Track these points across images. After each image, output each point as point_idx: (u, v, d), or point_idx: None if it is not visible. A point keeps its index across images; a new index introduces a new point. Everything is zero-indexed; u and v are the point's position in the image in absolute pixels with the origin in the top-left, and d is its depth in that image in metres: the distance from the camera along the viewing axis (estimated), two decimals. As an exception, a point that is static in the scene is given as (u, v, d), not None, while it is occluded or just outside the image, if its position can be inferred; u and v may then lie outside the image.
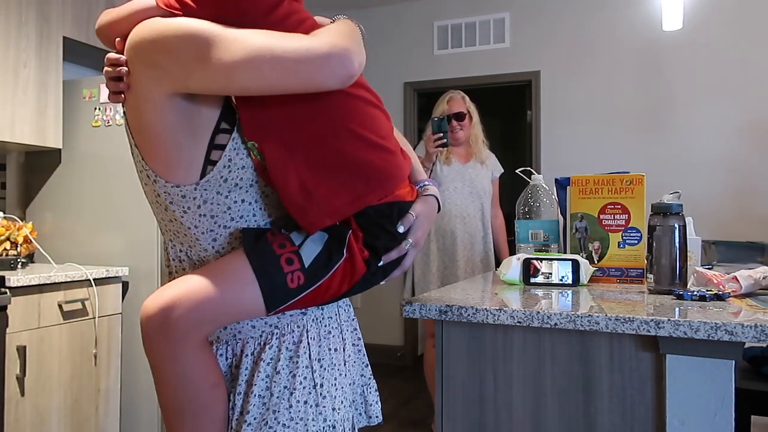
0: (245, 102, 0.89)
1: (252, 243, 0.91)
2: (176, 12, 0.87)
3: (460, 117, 2.96)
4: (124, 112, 0.93)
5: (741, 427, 1.65)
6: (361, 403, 1.10)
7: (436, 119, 2.75)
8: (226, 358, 0.98)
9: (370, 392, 1.12)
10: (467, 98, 3.03)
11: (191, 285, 0.88)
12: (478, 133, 3.04)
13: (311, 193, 0.89)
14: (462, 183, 2.94)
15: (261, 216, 0.96)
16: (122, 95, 0.90)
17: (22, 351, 2.21)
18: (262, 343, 0.95)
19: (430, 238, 2.95)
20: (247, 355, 0.95)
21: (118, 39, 0.93)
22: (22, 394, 2.23)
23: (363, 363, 1.11)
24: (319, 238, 0.92)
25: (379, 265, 0.96)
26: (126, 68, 0.88)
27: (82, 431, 2.48)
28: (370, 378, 1.12)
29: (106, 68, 0.90)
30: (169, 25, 0.84)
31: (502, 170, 3.12)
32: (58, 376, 2.38)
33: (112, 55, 0.91)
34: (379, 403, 1.13)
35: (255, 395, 0.92)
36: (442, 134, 2.72)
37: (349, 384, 1.05)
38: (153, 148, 0.89)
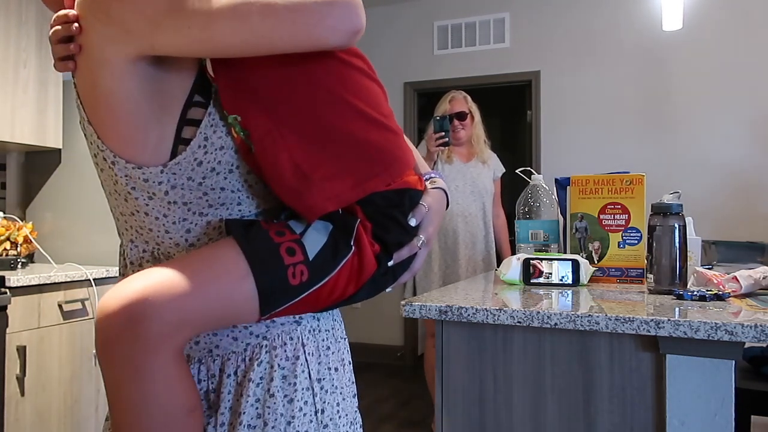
0: (224, 66, 0.74)
1: (241, 229, 0.74)
2: None
3: (461, 116, 2.97)
4: (74, 82, 0.75)
5: (741, 427, 1.65)
6: None
7: (437, 118, 2.76)
8: (199, 381, 0.78)
9: (356, 429, 0.91)
10: (469, 98, 3.05)
11: (167, 276, 0.68)
12: (480, 133, 3.05)
13: (307, 174, 0.74)
14: (464, 182, 2.95)
15: (247, 205, 0.79)
16: (72, 61, 0.72)
17: (22, 351, 2.21)
18: (247, 359, 0.77)
19: None
20: (229, 375, 0.77)
21: None
22: (22, 394, 2.23)
23: (352, 393, 0.90)
24: (323, 227, 0.76)
25: (389, 264, 0.81)
26: (78, 25, 0.70)
27: (82, 431, 2.48)
28: (356, 412, 0.91)
29: (54, 28, 0.72)
30: None
31: (504, 170, 3.12)
32: (58, 376, 2.38)
33: (61, 12, 0.72)
34: None
35: (244, 426, 0.74)
36: (443, 133, 2.73)
37: (353, 412, 0.88)
38: (111, 123, 0.71)
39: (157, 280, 0.67)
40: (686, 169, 3.90)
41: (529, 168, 2.95)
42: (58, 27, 0.72)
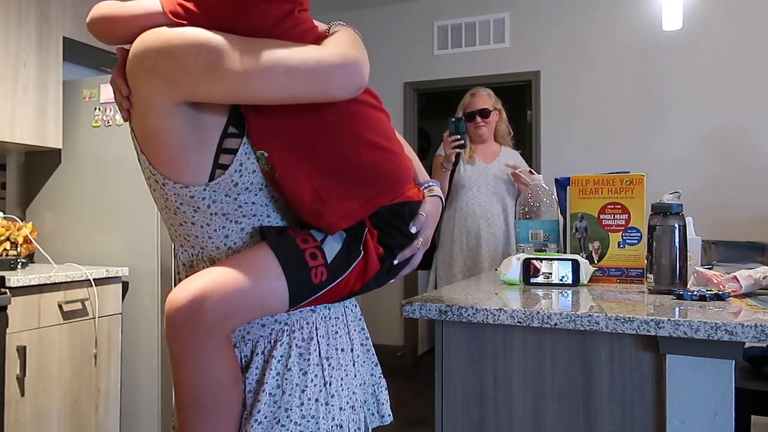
0: (253, 110, 0.88)
1: (275, 237, 0.90)
2: (182, 22, 0.85)
3: (484, 114, 2.92)
4: (130, 122, 0.93)
5: (741, 427, 1.65)
6: (373, 403, 1.10)
7: (453, 120, 2.67)
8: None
9: (381, 391, 1.11)
10: (493, 94, 2.98)
11: (220, 276, 0.86)
12: (505, 129, 3.01)
13: (324, 198, 0.89)
14: (486, 183, 2.90)
15: (275, 217, 0.96)
16: (128, 108, 0.90)
17: (22, 351, 2.21)
18: (272, 341, 0.94)
19: (452, 239, 2.92)
20: (257, 354, 0.94)
21: (118, 47, 0.92)
22: (22, 394, 2.23)
23: (372, 362, 1.11)
24: (338, 236, 0.93)
25: (394, 263, 0.98)
26: (127, 88, 0.88)
27: (82, 431, 2.48)
28: (380, 377, 1.12)
29: (114, 90, 0.92)
30: (176, 34, 0.82)
31: (528, 169, 3.08)
32: (58, 376, 2.38)
33: (116, 80, 0.90)
34: (389, 402, 1.13)
35: (266, 393, 0.91)
36: (458, 136, 2.64)
37: (360, 384, 1.04)
38: (159, 153, 0.88)
39: (212, 280, 0.85)
40: (686, 169, 3.90)
41: (529, 168, 2.95)
42: (117, 94, 0.91)
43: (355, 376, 1.03)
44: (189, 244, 0.96)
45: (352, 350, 1.03)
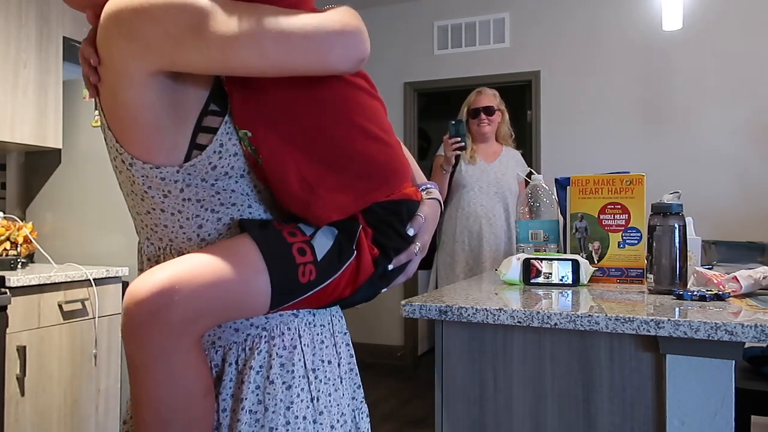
0: (238, 85, 0.79)
1: (257, 229, 0.79)
2: None
3: (489, 111, 2.92)
4: (97, 90, 0.81)
5: (741, 427, 1.65)
6: (353, 430, 0.94)
7: (453, 122, 2.69)
8: None
9: (362, 418, 0.97)
10: (498, 95, 3.00)
11: (192, 266, 0.73)
12: (506, 131, 3.02)
13: (313, 187, 0.80)
14: (487, 183, 2.90)
15: (257, 208, 0.84)
16: (96, 74, 0.78)
17: (22, 351, 2.21)
18: (247, 348, 0.81)
19: (454, 239, 2.91)
20: (230, 364, 0.81)
21: (89, 11, 0.80)
22: (22, 394, 2.23)
23: (355, 384, 0.96)
24: (330, 231, 0.82)
25: (390, 268, 0.87)
26: (96, 58, 0.76)
27: (82, 431, 2.48)
28: (362, 402, 0.97)
29: (82, 60, 0.79)
30: None
31: (528, 169, 3.08)
32: (58, 376, 2.38)
33: (84, 49, 0.78)
34: (369, 430, 0.99)
35: (245, 411, 0.79)
36: (459, 138, 2.65)
37: (347, 405, 0.93)
38: (129, 130, 0.76)
39: (183, 269, 0.72)
40: (686, 169, 3.90)
41: (529, 168, 2.96)
42: (83, 63, 0.78)
43: (343, 395, 0.91)
44: (156, 236, 0.84)
45: (339, 365, 0.91)
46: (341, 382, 0.91)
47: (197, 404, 0.75)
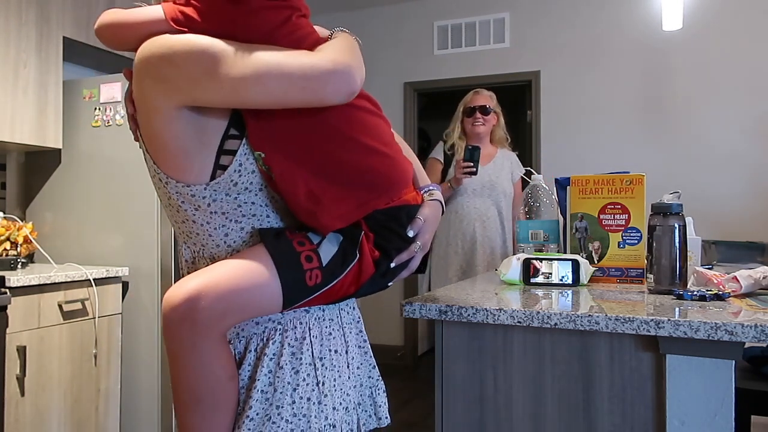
0: (252, 114, 0.91)
1: (272, 239, 0.93)
2: (183, 29, 0.89)
3: (485, 111, 2.94)
4: (137, 122, 0.98)
5: (741, 427, 1.65)
6: (370, 405, 1.10)
7: (469, 147, 2.75)
8: None
9: (379, 393, 1.12)
10: (495, 97, 3.02)
11: (216, 276, 0.89)
12: (502, 135, 3.03)
13: (319, 198, 0.92)
14: (481, 185, 2.91)
15: (274, 218, 0.98)
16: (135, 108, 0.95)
17: (22, 351, 2.21)
18: (265, 339, 0.96)
19: (447, 242, 2.92)
20: (250, 351, 0.96)
21: (125, 69, 0.97)
22: (22, 394, 2.23)
23: (370, 365, 1.12)
24: (335, 239, 0.95)
25: (391, 266, 0.99)
26: (132, 107, 0.94)
27: (82, 431, 2.48)
28: (378, 379, 1.13)
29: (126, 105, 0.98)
30: (177, 41, 0.86)
31: (524, 171, 3.09)
32: (58, 376, 2.38)
33: (125, 102, 0.97)
34: (387, 404, 1.14)
35: (257, 390, 0.93)
36: (471, 164, 2.71)
37: (354, 387, 1.05)
38: (163, 154, 0.92)
39: (208, 279, 0.88)
40: (686, 169, 3.90)
41: (529, 168, 2.95)
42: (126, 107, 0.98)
43: (349, 377, 1.04)
44: (191, 241, 1.00)
45: (346, 352, 1.05)
46: (348, 367, 1.04)
47: (223, 386, 0.91)
